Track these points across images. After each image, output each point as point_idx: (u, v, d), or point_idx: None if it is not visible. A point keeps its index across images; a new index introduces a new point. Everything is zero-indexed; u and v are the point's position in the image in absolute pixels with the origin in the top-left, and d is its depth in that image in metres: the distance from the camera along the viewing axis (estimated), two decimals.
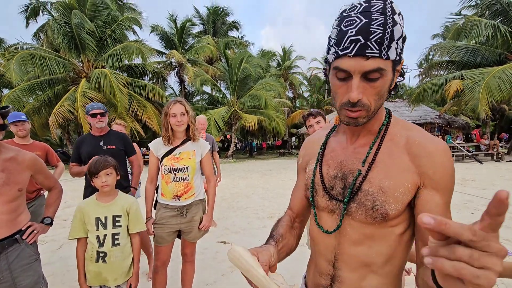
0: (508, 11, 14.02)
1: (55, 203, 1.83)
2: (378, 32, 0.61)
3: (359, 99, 0.66)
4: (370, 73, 0.64)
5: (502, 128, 24.54)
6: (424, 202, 0.68)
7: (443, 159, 0.69)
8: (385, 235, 0.73)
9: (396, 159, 0.72)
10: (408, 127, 0.78)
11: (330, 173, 0.81)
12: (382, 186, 0.71)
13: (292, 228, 0.92)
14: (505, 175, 8.80)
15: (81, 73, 15.13)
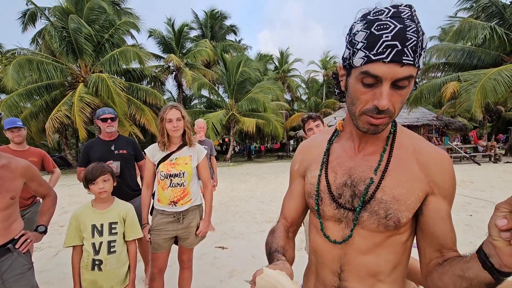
0: (503, 13, 14.16)
1: (49, 211, 1.80)
2: (414, 39, 0.59)
3: (388, 107, 0.64)
4: (400, 81, 0.62)
5: (499, 129, 24.66)
6: (436, 209, 0.70)
7: (450, 168, 0.73)
8: (393, 243, 0.73)
9: (407, 167, 0.73)
10: (413, 136, 0.79)
11: (338, 181, 0.78)
12: (395, 194, 0.71)
13: (288, 238, 0.89)
14: (503, 177, 8.82)
15: (79, 78, 15.10)
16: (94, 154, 2.57)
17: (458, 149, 13.89)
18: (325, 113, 24.23)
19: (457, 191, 3.14)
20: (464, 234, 3.90)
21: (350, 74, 0.69)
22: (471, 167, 11.65)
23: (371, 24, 0.61)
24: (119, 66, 15.33)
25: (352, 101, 0.69)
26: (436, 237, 0.70)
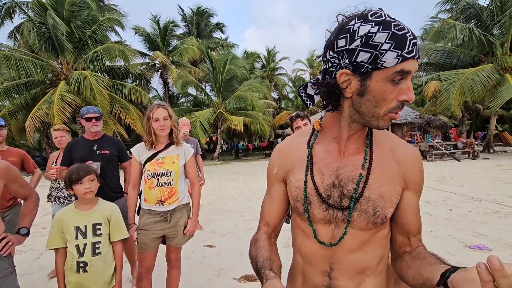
0: (480, 15, 14.72)
1: (31, 213, 1.75)
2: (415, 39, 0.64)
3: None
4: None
5: (477, 127, 25.65)
6: (409, 203, 0.77)
7: (421, 165, 0.80)
8: (378, 238, 0.78)
9: (387, 165, 0.77)
10: (387, 134, 0.84)
11: (325, 182, 0.78)
12: (381, 191, 0.74)
13: (272, 245, 0.87)
14: (481, 172, 9.20)
15: (60, 75, 14.60)
16: (76, 154, 2.51)
17: (439, 146, 14.37)
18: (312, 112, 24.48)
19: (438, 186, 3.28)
20: (444, 228, 4.07)
21: (371, 77, 0.66)
22: (451, 164, 12.09)
23: (388, 25, 0.62)
24: (103, 63, 14.92)
25: (377, 103, 0.68)
26: (406, 225, 0.79)
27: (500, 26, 13.86)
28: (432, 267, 0.64)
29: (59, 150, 3.21)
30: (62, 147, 3.10)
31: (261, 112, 19.72)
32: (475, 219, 4.38)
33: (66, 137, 3.15)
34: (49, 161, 3.20)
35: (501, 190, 6.26)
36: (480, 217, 4.45)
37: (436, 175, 9.11)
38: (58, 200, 3.04)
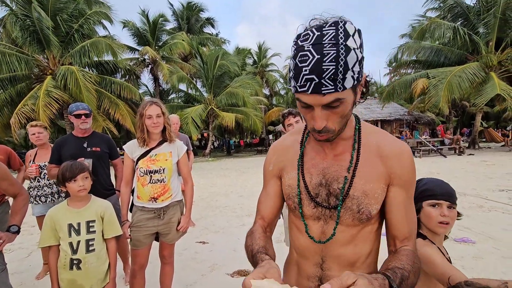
0: (467, 14, 15.04)
1: (21, 210, 1.73)
2: (331, 69, 0.60)
3: (324, 126, 0.70)
4: (330, 104, 0.66)
5: (463, 124, 26.34)
6: (393, 198, 0.78)
7: (408, 159, 0.79)
8: (366, 233, 0.81)
9: (372, 163, 0.79)
10: (375, 130, 0.85)
11: (313, 181, 0.82)
12: (365, 189, 0.77)
13: (267, 238, 0.91)
14: (466, 168, 9.48)
15: (46, 70, 14.19)
16: (66, 151, 2.47)
17: (427, 143, 14.71)
18: None
19: None
20: None
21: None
22: (438, 159, 12.40)
23: (297, 54, 0.64)
24: (90, 58, 14.58)
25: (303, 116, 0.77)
26: (391, 225, 0.80)
27: (486, 25, 14.20)
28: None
29: (35, 148, 3.10)
30: (39, 144, 3.01)
31: (253, 109, 19.69)
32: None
33: (44, 133, 3.05)
34: (26, 160, 3.07)
35: (485, 185, 6.48)
36: (465, 211, 4.60)
37: (424, 170, 9.34)
38: (39, 199, 2.95)
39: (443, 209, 1.12)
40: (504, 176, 7.54)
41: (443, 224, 1.11)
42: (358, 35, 0.65)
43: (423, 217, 1.17)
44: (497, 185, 6.46)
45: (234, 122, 18.04)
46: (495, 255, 3.01)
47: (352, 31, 0.64)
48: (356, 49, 0.63)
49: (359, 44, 0.65)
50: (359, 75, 0.65)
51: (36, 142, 3.01)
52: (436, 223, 1.12)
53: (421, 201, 1.17)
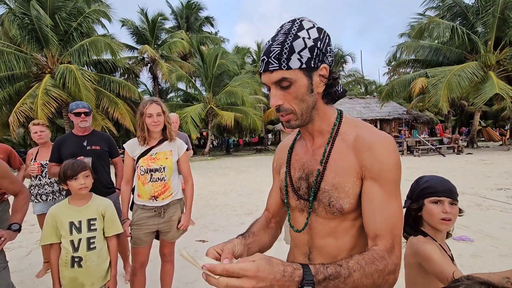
0: (466, 13, 15.06)
1: (22, 209, 1.73)
2: (277, 50, 0.72)
3: (280, 105, 0.77)
4: (279, 82, 0.75)
5: (462, 123, 26.40)
6: (365, 192, 0.75)
7: (381, 151, 0.74)
8: (347, 228, 0.81)
9: (345, 156, 0.79)
10: (357, 124, 0.84)
11: (296, 175, 0.88)
12: (334, 183, 0.78)
13: (267, 227, 0.97)
14: (464, 167, 9.52)
15: (45, 69, 14.14)
16: (66, 150, 2.48)
17: (426, 142, 14.75)
18: None
19: None
20: None
21: None
22: (437, 158, 12.44)
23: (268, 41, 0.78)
24: (89, 57, 14.54)
25: None
26: (363, 221, 0.76)
27: (485, 24, 14.23)
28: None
29: (37, 146, 3.12)
30: (41, 142, 3.03)
31: (252, 108, 19.67)
32: None
33: (46, 132, 3.07)
34: (27, 158, 3.09)
35: (483, 184, 6.52)
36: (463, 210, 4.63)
37: (422, 169, 9.37)
38: (40, 197, 2.96)
39: (445, 206, 1.13)
40: (502, 175, 7.57)
41: (445, 220, 1.12)
42: (317, 31, 0.75)
43: (425, 215, 1.18)
44: (495, 183, 6.49)
45: (233, 121, 18.02)
46: (493, 253, 3.04)
47: (307, 26, 0.75)
48: (307, 38, 0.73)
49: (315, 37, 0.74)
50: (310, 61, 0.73)
51: (38, 140, 3.02)
52: (439, 220, 1.13)
53: (423, 198, 1.18)
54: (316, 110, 0.81)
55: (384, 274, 0.65)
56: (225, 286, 0.54)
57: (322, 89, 0.79)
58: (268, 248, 0.95)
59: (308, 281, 0.57)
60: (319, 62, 0.75)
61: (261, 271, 0.54)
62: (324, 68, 0.77)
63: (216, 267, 0.55)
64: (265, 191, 7.05)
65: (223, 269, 0.54)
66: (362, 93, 29.87)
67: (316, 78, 0.77)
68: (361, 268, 0.63)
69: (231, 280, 0.54)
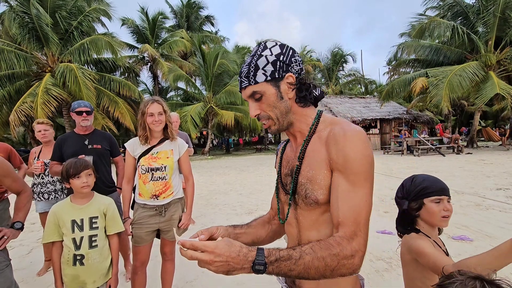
0: (467, 13, 15.05)
1: (25, 207, 1.75)
2: (245, 70, 0.87)
3: (258, 114, 0.89)
4: (252, 96, 0.88)
5: (462, 123, 26.41)
6: (332, 183, 0.80)
7: (347, 143, 0.77)
8: (327, 220, 0.85)
9: (318, 151, 0.85)
10: (334, 121, 0.89)
11: (283, 172, 0.98)
12: (308, 176, 0.85)
13: (268, 223, 1.07)
14: (464, 166, 9.53)
15: (45, 68, 14.14)
16: (67, 148, 2.49)
17: (425, 141, 14.75)
18: None
19: None
20: None
21: None
22: (436, 158, 12.45)
23: None
24: (90, 55, 14.53)
25: None
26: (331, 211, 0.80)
27: (485, 24, 14.21)
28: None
29: (40, 145, 3.15)
30: (45, 141, 3.05)
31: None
32: (458, 211, 4.57)
33: (50, 131, 3.09)
34: (30, 156, 3.12)
35: (483, 184, 6.53)
36: (462, 210, 4.65)
37: (422, 169, 9.38)
38: (42, 196, 2.99)
39: (445, 204, 1.19)
40: (501, 174, 7.59)
41: (446, 218, 1.19)
42: (279, 48, 0.86)
43: (425, 213, 1.22)
44: (495, 183, 6.51)
45: (233, 120, 18.04)
46: None
47: (270, 45, 0.87)
48: (269, 55, 0.85)
49: (277, 53, 0.85)
50: (274, 73, 0.85)
51: (42, 139, 3.04)
52: (440, 217, 1.19)
53: (422, 198, 1.22)
54: (293, 114, 0.90)
55: (339, 258, 0.69)
56: (189, 257, 0.67)
57: (292, 95, 0.88)
58: (265, 242, 1.03)
59: (259, 261, 0.66)
60: (284, 72, 0.85)
61: (219, 249, 0.66)
62: (290, 77, 0.86)
63: (186, 242, 0.69)
64: (265, 190, 7.07)
65: (190, 244, 0.68)
66: (362, 93, 29.88)
67: (283, 86, 0.87)
68: (314, 252, 0.69)
69: (195, 253, 0.67)
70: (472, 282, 0.67)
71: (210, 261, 0.66)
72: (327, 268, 0.69)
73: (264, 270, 0.67)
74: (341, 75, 28.42)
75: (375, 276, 2.67)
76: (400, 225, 1.32)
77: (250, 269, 0.67)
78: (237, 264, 0.66)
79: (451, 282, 0.70)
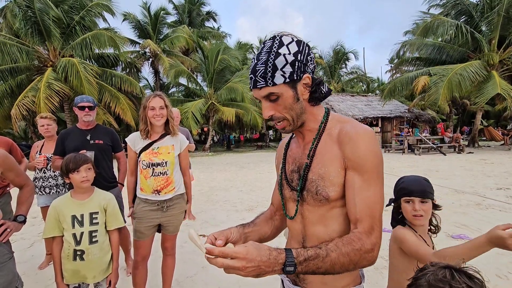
0: (471, 12, 14.93)
1: (27, 201, 1.76)
2: (261, 69, 0.81)
3: (272, 115, 0.87)
4: (268, 97, 0.84)
5: (464, 122, 26.30)
6: (347, 181, 0.83)
7: (361, 142, 0.82)
8: (335, 215, 0.87)
9: (329, 149, 0.87)
10: (343, 120, 0.91)
11: (289, 169, 0.97)
12: (320, 173, 0.86)
13: (270, 219, 1.08)
14: (465, 166, 9.52)
15: (47, 62, 14.13)
16: (69, 143, 2.50)
17: (427, 140, 14.72)
18: None
19: None
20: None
21: None
22: (437, 157, 12.44)
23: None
24: (92, 50, 14.52)
25: None
26: (347, 208, 0.83)
27: (489, 23, 14.11)
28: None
29: (43, 139, 3.15)
30: (48, 135, 3.05)
31: (253, 104, 19.65)
32: (458, 210, 4.58)
33: (53, 125, 3.10)
34: (32, 150, 3.12)
35: (483, 183, 6.53)
36: (462, 209, 4.65)
37: (423, 168, 9.38)
38: (43, 190, 3.00)
39: (415, 205, 1.30)
40: (502, 174, 7.58)
41: (417, 217, 1.29)
42: (296, 45, 0.82)
43: (403, 212, 1.37)
44: (495, 183, 6.50)
45: (234, 117, 18.02)
46: (490, 252, 3.03)
47: (287, 41, 0.82)
48: (287, 54, 0.80)
49: (295, 51, 0.81)
50: (292, 75, 0.81)
51: (45, 133, 3.05)
52: (411, 216, 1.31)
53: (399, 198, 1.37)
54: (305, 114, 0.90)
55: (362, 252, 0.74)
56: (221, 264, 0.65)
57: (307, 96, 0.88)
58: (270, 238, 1.04)
59: (290, 262, 0.67)
60: (301, 73, 0.83)
61: (250, 254, 0.65)
62: (307, 78, 0.85)
63: (214, 249, 0.67)
64: (265, 187, 7.09)
65: (220, 251, 0.66)
66: (364, 91, 29.76)
67: (300, 88, 0.85)
68: (338, 248, 0.72)
69: (226, 260, 0.66)
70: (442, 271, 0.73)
71: (243, 267, 0.65)
72: (350, 263, 0.73)
73: (294, 270, 0.68)
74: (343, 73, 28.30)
75: (374, 274, 2.68)
76: (393, 220, 1.45)
77: (280, 270, 0.68)
78: (268, 267, 0.67)
79: (424, 274, 0.77)
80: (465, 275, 0.71)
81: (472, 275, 0.72)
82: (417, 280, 0.78)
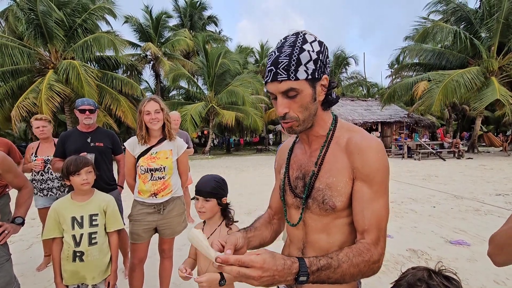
0: (470, 18, 15.04)
1: (26, 203, 1.77)
2: (285, 62, 0.77)
3: (286, 113, 0.82)
4: (287, 92, 0.80)
5: (463, 128, 26.35)
6: (355, 191, 0.83)
7: (371, 154, 0.82)
8: (339, 225, 0.87)
9: (338, 158, 0.86)
10: (351, 129, 0.91)
11: (293, 175, 0.96)
12: (328, 182, 0.85)
13: (269, 223, 1.07)
14: (464, 171, 9.52)
15: (48, 64, 14.19)
16: (70, 145, 2.51)
17: (426, 145, 14.73)
18: None
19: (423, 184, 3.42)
20: (427, 224, 4.24)
21: None
22: (437, 162, 12.44)
23: (268, 58, 0.84)
24: (93, 53, 14.59)
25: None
26: (353, 217, 0.84)
27: (488, 30, 14.20)
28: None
29: (38, 141, 3.10)
30: (43, 137, 3.02)
31: (253, 107, 19.69)
32: (457, 216, 4.58)
33: (48, 127, 3.06)
34: (27, 152, 3.06)
35: (482, 189, 6.53)
36: (461, 214, 4.65)
37: (422, 173, 9.38)
38: (41, 192, 2.98)
39: (199, 202, 1.56)
40: (501, 180, 7.58)
41: (201, 212, 1.56)
42: (319, 45, 0.81)
43: None
44: (494, 189, 6.50)
45: (234, 120, 18.05)
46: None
47: (310, 39, 0.80)
48: (311, 51, 0.79)
49: (317, 50, 0.80)
50: (314, 72, 0.79)
51: (40, 135, 3.02)
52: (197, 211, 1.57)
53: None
54: (316, 117, 0.88)
55: (370, 263, 0.74)
56: (237, 273, 0.63)
57: (323, 97, 0.86)
58: (269, 242, 1.03)
59: (303, 272, 0.66)
60: (322, 73, 0.82)
61: (267, 263, 0.63)
62: (325, 79, 0.84)
63: (229, 258, 0.65)
64: (264, 191, 7.08)
65: (236, 259, 0.64)
66: (364, 95, 29.84)
67: (318, 88, 0.83)
68: (349, 259, 0.72)
69: (242, 268, 0.63)
70: (421, 273, 0.77)
71: (258, 276, 0.63)
72: (359, 273, 0.73)
73: (307, 280, 0.67)
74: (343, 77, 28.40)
75: (372, 279, 2.68)
76: None
77: (293, 280, 0.67)
78: (282, 277, 0.65)
79: (404, 275, 0.80)
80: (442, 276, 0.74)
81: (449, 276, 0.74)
82: (398, 281, 0.81)
